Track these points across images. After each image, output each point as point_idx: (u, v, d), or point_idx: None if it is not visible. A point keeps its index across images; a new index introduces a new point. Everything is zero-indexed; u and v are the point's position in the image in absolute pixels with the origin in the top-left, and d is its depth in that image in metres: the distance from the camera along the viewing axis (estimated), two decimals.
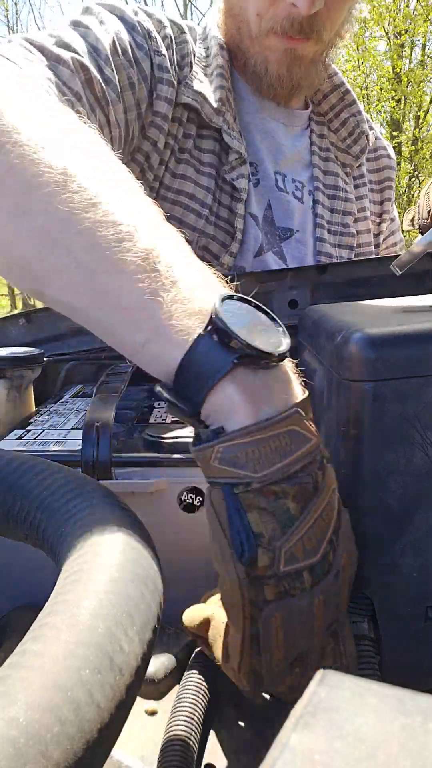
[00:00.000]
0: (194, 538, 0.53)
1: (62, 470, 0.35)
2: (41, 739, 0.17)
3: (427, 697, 0.17)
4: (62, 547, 0.28)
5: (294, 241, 0.82)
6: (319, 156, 0.83)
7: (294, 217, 0.81)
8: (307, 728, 0.16)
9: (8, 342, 0.91)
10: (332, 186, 0.83)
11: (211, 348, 0.31)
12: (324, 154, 0.84)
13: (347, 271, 0.91)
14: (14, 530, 0.34)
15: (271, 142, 0.82)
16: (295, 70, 0.76)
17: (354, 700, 0.17)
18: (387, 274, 0.91)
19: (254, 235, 0.79)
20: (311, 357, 0.63)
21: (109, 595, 0.23)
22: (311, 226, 0.83)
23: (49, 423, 0.63)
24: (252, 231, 0.79)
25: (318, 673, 0.18)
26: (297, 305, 0.91)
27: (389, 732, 0.15)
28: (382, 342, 0.48)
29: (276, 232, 0.80)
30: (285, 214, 0.81)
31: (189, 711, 0.36)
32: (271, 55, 0.76)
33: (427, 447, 0.48)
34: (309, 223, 0.83)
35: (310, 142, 0.84)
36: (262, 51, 0.76)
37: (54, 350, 0.91)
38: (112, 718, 0.20)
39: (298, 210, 0.81)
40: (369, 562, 0.51)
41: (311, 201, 0.82)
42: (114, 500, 0.32)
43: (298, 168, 0.83)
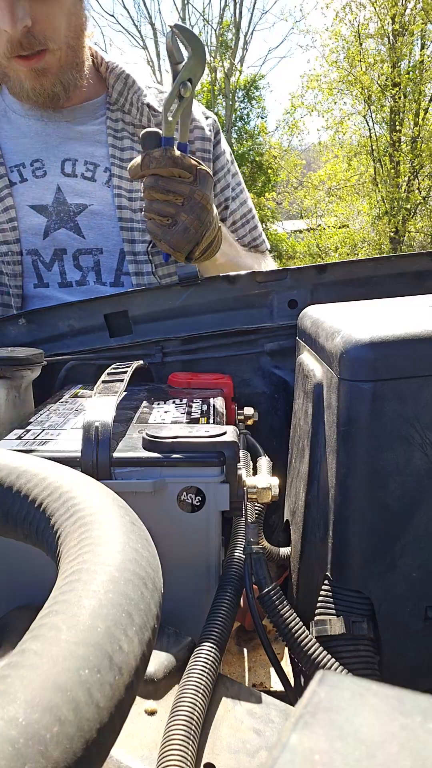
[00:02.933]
0: (194, 538, 0.53)
1: (62, 470, 0.35)
2: (41, 738, 0.17)
3: (427, 697, 0.17)
4: (61, 547, 0.28)
5: (89, 213, 0.96)
6: (114, 137, 0.96)
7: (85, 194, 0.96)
8: (307, 728, 0.16)
9: (8, 342, 0.91)
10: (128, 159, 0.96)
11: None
12: (119, 134, 0.97)
13: (347, 271, 0.91)
14: (14, 530, 0.34)
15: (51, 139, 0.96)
16: (46, 81, 0.89)
17: (354, 700, 0.17)
18: (387, 274, 0.91)
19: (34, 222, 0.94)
20: (310, 357, 0.63)
21: (109, 594, 0.23)
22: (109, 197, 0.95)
23: (49, 423, 0.63)
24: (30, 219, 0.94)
25: (318, 673, 0.18)
26: (297, 305, 0.91)
27: (389, 732, 0.15)
28: (382, 342, 0.48)
29: (70, 209, 0.95)
30: (75, 193, 0.95)
31: (189, 711, 0.36)
32: (22, 75, 0.88)
33: (426, 447, 0.48)
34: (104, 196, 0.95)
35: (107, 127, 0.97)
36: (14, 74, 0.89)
37: (54, 350, 0.91)
38: (111, 717, 0.20)
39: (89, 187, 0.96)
40: (369, 562, 0.51)
41: (107, 177, 0.96)
42: (114, 500, 0.32)
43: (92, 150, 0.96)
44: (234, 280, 0.91)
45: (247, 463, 0.70)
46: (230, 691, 0.42)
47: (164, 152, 0.75)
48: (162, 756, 0.33)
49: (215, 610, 0.47)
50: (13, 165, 0.96)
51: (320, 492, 0.55)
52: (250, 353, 0.93)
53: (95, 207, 0.96)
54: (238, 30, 13.73)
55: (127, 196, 0.96)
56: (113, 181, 0.95)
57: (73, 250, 0.97)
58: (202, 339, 0.92)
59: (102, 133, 0.98)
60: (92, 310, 0.92)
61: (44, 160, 0.96)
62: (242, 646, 0.84)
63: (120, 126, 0.98)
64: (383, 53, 10.20)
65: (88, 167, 0.96)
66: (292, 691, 0.56)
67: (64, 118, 0.97)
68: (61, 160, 0.96)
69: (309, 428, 0.59)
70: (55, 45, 0.85)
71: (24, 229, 0.95)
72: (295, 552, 0.64)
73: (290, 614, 0.49)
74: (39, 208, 0.95)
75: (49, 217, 0.95)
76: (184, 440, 0.53)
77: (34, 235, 0.95)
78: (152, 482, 0.51)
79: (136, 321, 0.93)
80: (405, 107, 10.12)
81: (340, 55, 10.47)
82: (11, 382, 0.73)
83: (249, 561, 0.54)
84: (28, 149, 0.96)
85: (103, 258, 0.98)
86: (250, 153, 14.05)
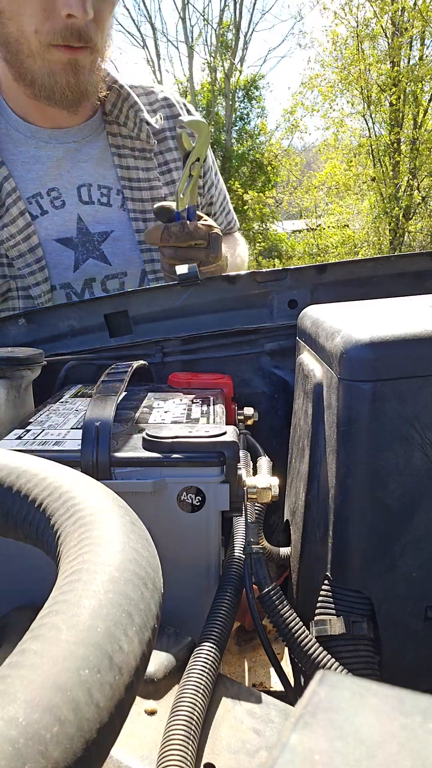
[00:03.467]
0: (194, 538, 0.53)
1: (62, 470, 0.35)
2: (41, 738, 0.17)
3: (427, 697, 0.17)
4: (61, 547, 0.28)
5: (111, 240, 0.96)
6: (118, 155, 0.95)
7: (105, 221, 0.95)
8: (307, 728, 0.16)
9: (8, 342, 0.91)
10: (135, 179, 0.95)
11: None
12: (122, 151, 0.95)
13: (347, 271, 0.91)
14: (14, 530, 0.34)
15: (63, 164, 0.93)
16: (81, 78, 0.85)
17: (354, 700, 0.17)
18: (387, 274, 0.91)
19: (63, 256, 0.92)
20: (310, 357, 0.63)
21: (109, 594, 0.23)
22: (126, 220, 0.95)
23: (49, 423, 0.63)
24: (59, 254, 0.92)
25: (318, 673, 0.18)
26: (297, 305, 0.91)
27: (389, 732, 0.15)
28: (382, 342, 0.48)
29: (94, 238, 0.95)
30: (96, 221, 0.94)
31: (189, 711, 0.36)
32: (55, 67, 0.83)
33: (426, 447, 0.48)
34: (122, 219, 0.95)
35: (109, 144, 0.95)
36: (46, 65, 0.83)
37: (54, 350, 0.91)
38: (111, 717, 0.20)
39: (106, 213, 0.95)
40: (369, 562, 0.51)
41: (120, 200, 0.95)
42: (114, 500, 0.32)
43: (103, 171, 0.95)
44: (234, 280, 0.91)
45: (247, 463, 0.70)
46: (230, 691, 0.42)
47: (182, 228, 0.81)
48: (162, 756, 0.33)
49: (215, 610, 0.47)
50: (29, 196, 0.92)
51: (320, 492, 0.55)
52: (250, 353, 0.93)
53: (116, 233, 0.97)
54: (238, 30, 13.73)
55: (142, 218, 0.97)
56: (127, 205, 0.96)
57: (101, 278, 0.98)
58: (202, 339, 0.92)
59: (107, 152, 0.96)
60: (92, 310, 0.92)
61: (60, 189, 0.93)
62: (242, 646, 0.84)
63: (120, 142, 0.97)
64: (382, 52, 10.20)
65: (102, 192, 0.96)
66: (292, 691, 0.56)
67: (71, 138, 0.94)
68: (76, 186, 0.94)
69: (309, 428, 0.59)
70: (97, 44, 0.85)
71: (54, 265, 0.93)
72: (295, 552, 0.64)
73: (290, 614, 0.49)
74: (65, 241, 0.94)
75: (75, 249, 0.95)
76: (184, 440, 0.53)
77: (66, 269, 0.95)
78: (152, 482, 0.51)
79: (136, 321, 0.93)
80: (405, 107, 10.12)
81: (340, 52, 10.46)
82: (11, 382, 0.73)
83: (249, 561, 0.54)
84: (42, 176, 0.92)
85: (127, 279, 1.00)
86: (250, 153, 14.05)
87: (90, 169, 0.95)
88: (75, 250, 0.95)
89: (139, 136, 0.97)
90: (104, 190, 0.95)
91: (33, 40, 0.81)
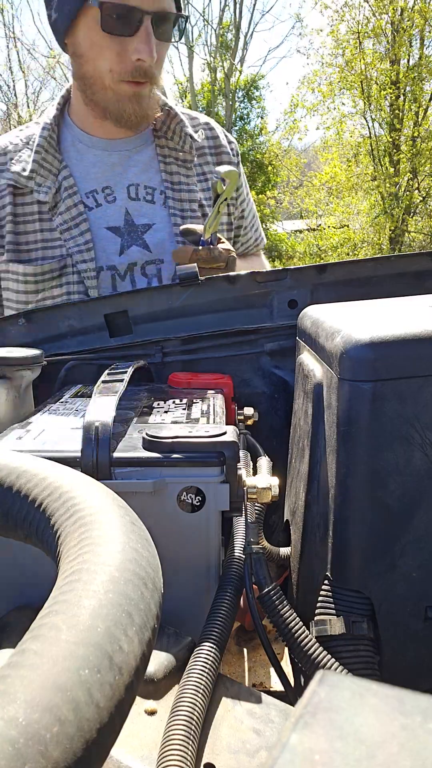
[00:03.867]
0: (194, 538, 0.53)
1: (62, 470, 0.35)
2: (41, 738, 0.17)
3: (427, 697, 0.17)
4: (61, 547, 0.28)
5: (152, 232, 1.15)
6: (163, 162, 1.16)
7: (149, 215, 1.15)
8: (307, 728, 0.16)
9: (8, 342, 0.91)
10: (177, 183, 1.16)
11: None
12: (167, 160, 1.17)
13: (347, 271, 0.91)
14: (14, 530, 0.34)
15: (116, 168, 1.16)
16: (141, 106, 1.07)
17: (354, 700, 0.17)
18: (387, 274, 0.91)
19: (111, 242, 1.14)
20: (310, 357, 0.63)
21: (109, 594, 0.23)
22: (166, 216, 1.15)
23: (49, 423, 0.63)
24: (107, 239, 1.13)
25: (318, 673, 0.18)
26: (297, 305, 0.91)
27: (389, 732, 0.15)
28: (382, 342, 0.48)
29: (138, 228, 1.15)
30: (141, 214, 1.15)
31: (189, 711, 0.36)
32: (124, 98, 1.06)
33: (426, 447, 0.48)
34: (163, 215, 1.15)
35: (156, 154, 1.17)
36: (116, 96, 1.06)
37: (54, 350, 0.91)
38: (111, 717, 0.20)
39: (150, 209, 1.15)
40: (369, 562, 0.51)
41: (162, 199, 1.16)
42: (114, 500, 0.32)
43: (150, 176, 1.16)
44: (234, 280, 0.91)
45: (247, 463, 0.70)
46: (230, 691, 0.42)
47: (209, 251, 1.01)
48: (162, 756, 0.33)
49: (215, 610, 0.47)
50: (87, 192, 1.14)
51: (320, 492, 0.55)
52: (250, 353, 0.93)
53: (157, 226, 1.15)
54: (238, 30, 13.73)
55: (180, 215, 1.15)
56: (168, 203, 1.15)
57: (142, 263, 1.15)
58: (202, 339, 0.92)
59: (154, 160, 1.17)
60: (92, 310, 0.92)
61: (113, 187, 1.15)
62: (242, 646, 0.84)
63: (166, 152, 1.17)
64: (381, 52, 10.20)
65: (148, 191, 1.16)
66: (292, 691, 0.56)
67: (124, 147, 1.16)
68: (126, 186, 1.15)
69: (309, 428, 0.59)
70: (155, 79, 1.06)
71: (102, 248, 1.13)
72: (295, 552, 0.64)
73: (290, 614, 0.49)
74: (114, 229, 1.14)
75: (122, 236, 1.14)
76: (184, 440, 0.53)
77: (113, 253, 1.14)
78: (152, 482, 0.51)
79: (136, 321, 0.93)
80: (405, 106, 10.11)
81: (341, 50, 10.46)
82: (11, 382, 0.73)
83: (249, 561, 0.54)
84: (98, 177, 1.15)
85: (164, 266, 1.16)
86: (250, 153, 14.05)
87: (138, 173, 1.16)
88: (122, 237, 1.14)
89: (183, 148, 1.17)
90: (149, 190, 1.16)
91: (107, 77, 1.03)
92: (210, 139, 1.22)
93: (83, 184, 1.13)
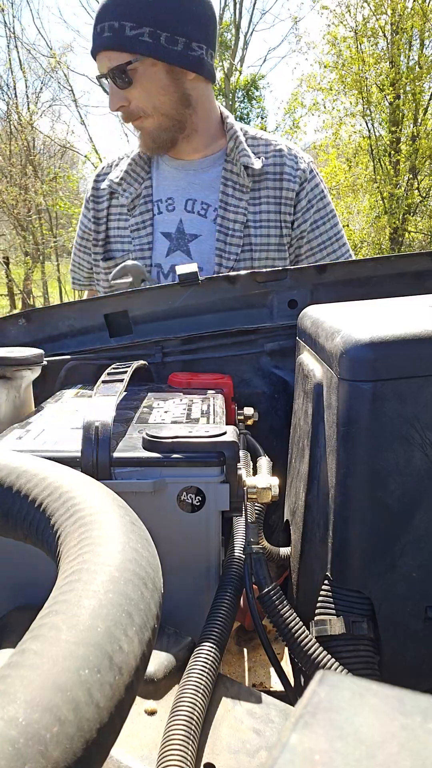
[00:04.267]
0: (194, 538, 0.53)
1: (62, 470, 0.35)
2: (41, 738, 0.17)
3: (427, 697, 0.17)
4: (61, 546, 0.28)
5: (197, 242, 1.29)
6: (224, 184, 1.29)
7: (198, 227, 1.29)
8: (307, 728, 0.16)
9: (8, 342, 0.91)
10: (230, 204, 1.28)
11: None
12: (227, 182, 1.29)
13: (347, 271, 0.91)
14: (14, 530, 0.34)
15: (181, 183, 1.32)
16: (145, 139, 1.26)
17: (354, 700, 0.17)
18: (387, 274, 0.91)
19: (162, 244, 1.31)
20: (310, 357, 0.63)
21: (109, 594, 0.23)
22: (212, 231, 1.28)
23: (49, 423, 0.63)
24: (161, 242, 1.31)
25: (318, 673, 0.18)
26: (297, 305, 0.91)
27: (389, 732, 0.15)
28: (382, 342, 0.48)
29: (186, 237, 1.30)
30: (192, 225, 1.30)
31: (188, 711, 0.36)
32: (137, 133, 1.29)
33: (426, 447, 0.48)
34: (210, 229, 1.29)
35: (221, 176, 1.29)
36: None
37: (54, 350, 0.91)
38: (111, 717, 0.20)
39: (201, 222, 1.29)
40: (369, 562, 0.51)
41: (214, 215, 1.29)
42: (114, 500, 0.32)
43: (208, 193, 1.30)
44: (234, 280, 0.91)
45: (247, 463, 0.70)
46: (230, 691, 0.42)
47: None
48: (162, 756, 0.33)
49: (215, 610, 0.47)
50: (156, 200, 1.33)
51: (320, 492, 0.55)
52: (250, 353, 0.93)
53: (203, 237, 1.29)
54: (237, 30, 13.73)
55: (225, 231, 1.27)
56: (217, 220, 1.28)
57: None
58: (202, 339, 0.92)
59: (217, 182, 1.30)
60: (92, 310, 0.92)
61: (175, 199, 1.31)
62: (242, 646, 0.84)
63: (228, 175, 1.29)
64: (380, 52, 10.19)
65: (203, 206, 1.29)
66: (292, 691, 0.56)
67: (192, 167, 1.32)
68: (185, 199, 1.30)
69: (309, 428, 0.59)
70: (148, 113, 1.20)
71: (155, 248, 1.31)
72: (295, 552, 0.64)
73: (290, 614, 0.49)
74: (166, 235, 1.30)
75: (171, 241, 1.30)
76: (184, 440, 0.53)
77: (161, 254, 1.30)
78: (152, 482, 0.51)
79: (136, 321, 0.93)
80: (404, 106, 10.10)
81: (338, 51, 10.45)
82: (11, 382, 0.73)
83: (249, 561, 0.54)
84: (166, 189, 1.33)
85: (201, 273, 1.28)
86: None
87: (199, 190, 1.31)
88: (171, 242, 1.30)
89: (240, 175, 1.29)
90: (205, 206, 1.30)
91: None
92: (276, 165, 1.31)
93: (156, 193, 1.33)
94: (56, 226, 13.80)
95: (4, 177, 12.30)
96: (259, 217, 1.27)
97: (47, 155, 13.69)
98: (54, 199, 12.61)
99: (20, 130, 12.70)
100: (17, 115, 12.86)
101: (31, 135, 12.84)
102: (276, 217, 1.29)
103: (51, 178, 13.06)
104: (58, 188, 12.98)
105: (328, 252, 1.37)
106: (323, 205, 1.36)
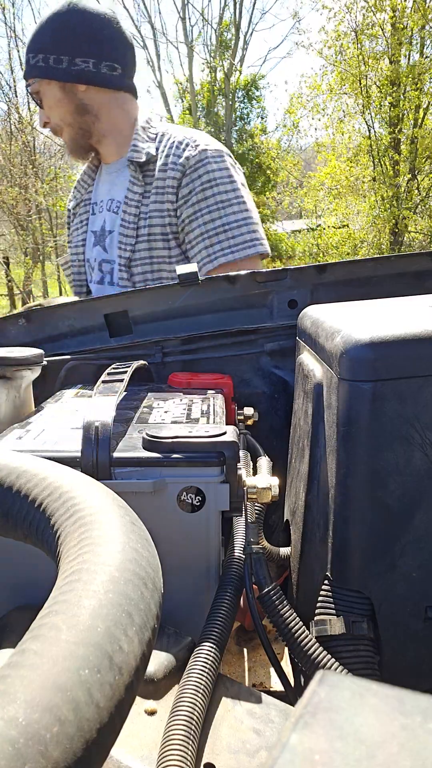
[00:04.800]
0: (194, 538, 0.53)
1: (62, 470, 0.35)
2: (41, 738, 0.17)
3: (427, 697, 0.17)
4: (61, 546, 0.28)
5: (111, 236, 1.42)
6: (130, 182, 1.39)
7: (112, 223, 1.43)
8: (307, 728, 0.16)
9: (8, 342, 0.91)
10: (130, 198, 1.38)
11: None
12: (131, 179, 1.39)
13: (347, 271, 0.91)
14: (14, 530, 0.34)
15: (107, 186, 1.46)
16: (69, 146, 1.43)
17: (354, 700, 0.17)
18: (387, 274, 0.91)
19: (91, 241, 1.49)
20: (310, 357, 0.63)
21: (109, 594, 0.23)
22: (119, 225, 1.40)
23: (49, 423, 0.63)
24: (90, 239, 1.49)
25: (318, 673, 0.18)
26: (297, 305, 0.91)
27: (389, 732, 0.15)
28: (382, 342, 0.48)
29: (105, 233, 1.44)
30: (110, 222, 1.44)
31: (188, 711, 0.36)
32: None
33: (426, 447, 0.48)
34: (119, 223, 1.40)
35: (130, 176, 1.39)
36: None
37: (54, 350, 0.91)
38: (111, 717, 0.20)
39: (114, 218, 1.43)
40: (369, 562, 0.51)
41: (121, 211, 1.40)
42: (114, 500, 0.32)
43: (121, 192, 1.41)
44: (234, 280, 0.91)
45: (247, 463, 0.70)
46: (230, 691, 0.42)
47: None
48: (162, 756, 0.33)
49: (215, 610, 0.47)
50: (92, 203, 1.49)
51: (320, 492, 0.55)
52: (250, 353, 0.93)
53: (114, 232, 1.41)
54: (237, 30, 13.73)
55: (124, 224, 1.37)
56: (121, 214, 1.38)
57: (100, 260, 1.44)
58: (202, 339, 0.92)
59: (126, 182, 1.40)
60: (92, 310, 0.92)
61: (104, 201, 1.45)
62: (242, 646, 0.84)
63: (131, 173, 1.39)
64: (379, 51, 10.19)
65: (117, 204, 1.42)
66: (292, 691, 0.56)
67: (114, 170, 1.44)
68: (108, 200, 1.44)
69: (309, 428, 0.59)
70: (61, 126, 1.38)
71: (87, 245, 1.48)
72: (295, 552, 0.64)
73: (290, 614, 0.49)
74: (94, 232, 1.46)
75: (96, 237, 1.45)
76: (184, 440, 0.53)
77: (89, 249, 1.47)
78: (152, 482, 0.51)
79: (136, 321, 0.93)
80: (405, 106, 10.10)
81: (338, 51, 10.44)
82: (11, 382, 0.73)
83: (249, 561, 0.54)
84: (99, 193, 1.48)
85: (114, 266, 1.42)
86: (250, 153, 14.05)
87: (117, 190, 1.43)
88: (95, 239, 1.45)
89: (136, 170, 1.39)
90: (117, 203, 1.42)
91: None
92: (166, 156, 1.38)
93: (93, 197, 1.49)
94: (56, 225, 13.79)
95: (4, 177, 12.30)
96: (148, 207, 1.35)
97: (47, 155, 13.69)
98: (54, 198, 12.61)
99: (20, 130, 12.69)
100: (17, 115, 12.87)
101: (31, 135, 12.83)
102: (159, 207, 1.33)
103: (51, 178, 13.06)
104: (58, 188, 12.98)
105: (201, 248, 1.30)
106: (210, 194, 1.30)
